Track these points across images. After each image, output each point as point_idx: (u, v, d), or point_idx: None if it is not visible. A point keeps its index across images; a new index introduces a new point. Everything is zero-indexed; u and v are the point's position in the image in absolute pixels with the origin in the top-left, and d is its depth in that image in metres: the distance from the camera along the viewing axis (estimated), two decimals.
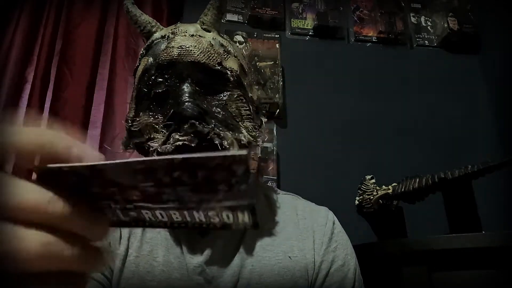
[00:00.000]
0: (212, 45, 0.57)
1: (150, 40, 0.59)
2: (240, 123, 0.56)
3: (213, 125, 0.52)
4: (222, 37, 0.61)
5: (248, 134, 0.56)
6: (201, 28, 0.59)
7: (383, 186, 1.20)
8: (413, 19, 1.55)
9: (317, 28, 1.44)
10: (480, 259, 0.83)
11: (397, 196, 1.14)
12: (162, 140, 0.52)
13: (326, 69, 1.42)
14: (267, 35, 1.38)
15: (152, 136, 0.54)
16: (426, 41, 1.53)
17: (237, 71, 0.57)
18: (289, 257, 0.59)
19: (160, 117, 0.54)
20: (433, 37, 1.54)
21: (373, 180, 1.24)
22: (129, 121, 0.58)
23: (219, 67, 0.55)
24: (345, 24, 1.48)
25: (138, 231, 0.60)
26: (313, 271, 0.59)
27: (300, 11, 1.47)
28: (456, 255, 0.83)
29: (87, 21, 1.29)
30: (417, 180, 1.07)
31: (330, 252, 0.61)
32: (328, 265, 0.60)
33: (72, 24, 1.28)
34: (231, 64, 0.57)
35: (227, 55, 0.58)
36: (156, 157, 0.19)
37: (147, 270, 0.55)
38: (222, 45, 0.58)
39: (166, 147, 0.51)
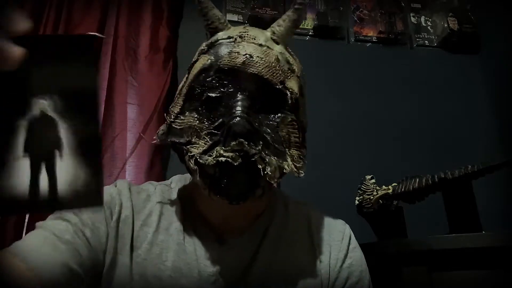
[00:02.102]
0: (279, 60, 0.53)
1: (214, 38, 0.55)
2: (287, 149, 0.53)
3: (260, 147, 0.49)
4: (289, 52, 0.58)
5: (293, 163, 0.53)
6: (271, 38, 0.55)
7: (383, 186, 1.20)
8: (413, 19, 1.55)
9: (317, 28, 1.44)
10: (480, 259, 0.83)
11: (397, 196, 1.14)
12: (203, 148, 0.49)
13: (326, 69, 1.42)
14: None
15: (193, 140, 0.51)
16: (426, 41, 1.53)
17: (297, 93, 0.54)
18: (305, 272, 0.58)
19: (206, 123, 0.51)
20: (433, 37, 1.54)
21: (373, 180, 1.24)
22: (172, 117, 0.55)
23: (281, 86, 0.52)
24: (345, 24, 1.48)
25: (150, 231, 0.56)
26: (328, 287, 0.59)
27: None
28: (456, 255, 0.83)
29: (87, 21, 1.29)
30: (417, 180, 1.06)
31: (345, 269, 0.60)
32: (343, 281, 0.59)
33: (72, 24, 1.28)
34: (293, 84, 0.54)
35: (290, 74, 0.54)
36: None
37: (154, 274, 0.53)
38: (288, 61, 0.55)
39: (206, 159, 0.48)
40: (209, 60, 0.53)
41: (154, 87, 1.24)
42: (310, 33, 1.46)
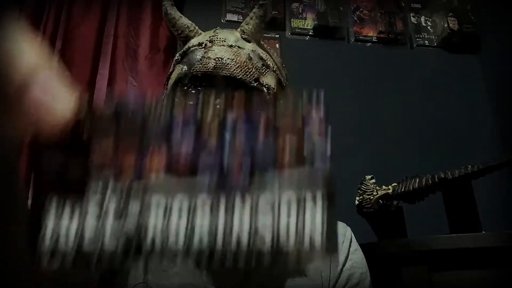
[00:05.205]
0: (251, 58, 0.54)
1: (186, 47, 0.57)
2: None
3: None
4: (262, 47, 0.59)
5: None
6: (241, 37, 0.56)
7: (383, 186, 1.20)
8: (413, 19, 1.55)
9: (317, 28, 1.44)
10: (480, 259, 0.83)
11: (397, 196, 1.14)
12: None
13: (326, 69, 1.42)
14: (267, 35, 1.38)
15: None
16: (426, 41, 1.53)
17: (274, 88, 0.55)
18: (305, 275, 0.58)
19: None
20: (433, 37, 1.54)
21: (373, 180, 1.24)
22: None
23: (255, 84, 0.53)
24: (345, 24, 1.48)
25: None
26: None
27: (300, 11, 1.47)
28: (456, 255, 0.83)
29: (87, 21, 1.29)
30: (417, 180, 1.07)
31: (346, 271, 0.60)
32: (343, 283, 0.59)
33: (72, 24, 1.28)
34: (269, 80, 0.55)
35: (265, 70, 0.55)
36: None
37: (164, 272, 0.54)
38: (261, 58, 0.56)
39: None
40: (183, 69, 0.54)
41: (154, 87, 1.24)
42: (310, 33, 1.45)
